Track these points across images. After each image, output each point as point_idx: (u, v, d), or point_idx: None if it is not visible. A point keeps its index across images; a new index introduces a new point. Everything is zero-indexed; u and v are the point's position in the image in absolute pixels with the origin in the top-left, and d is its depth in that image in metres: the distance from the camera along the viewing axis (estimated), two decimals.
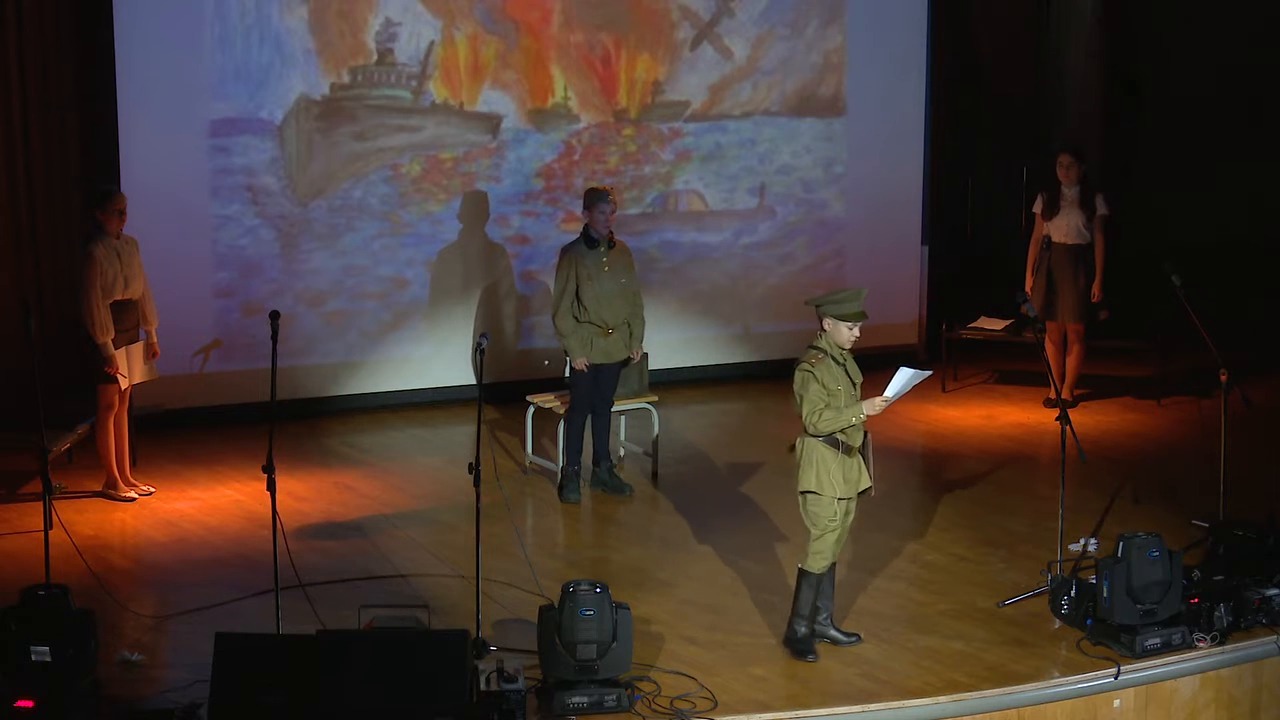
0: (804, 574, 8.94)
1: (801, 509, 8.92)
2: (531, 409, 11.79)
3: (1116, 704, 8.79)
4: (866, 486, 8.94)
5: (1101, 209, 13.06)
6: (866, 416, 8.78)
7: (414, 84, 13.04)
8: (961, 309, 14.41)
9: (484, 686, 8.05)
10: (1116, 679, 8.77)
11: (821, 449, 8.83)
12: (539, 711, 8.20)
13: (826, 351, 8.85)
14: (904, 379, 8.72)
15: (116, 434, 11.06)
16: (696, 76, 13.82)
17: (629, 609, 8.38)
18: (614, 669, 8.29)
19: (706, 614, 9.41)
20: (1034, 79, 16.28)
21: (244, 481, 11.40)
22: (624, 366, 11.39)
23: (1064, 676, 8.74)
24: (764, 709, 8.32)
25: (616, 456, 11.85)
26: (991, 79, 16.12)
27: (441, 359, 13.35)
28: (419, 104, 13.08)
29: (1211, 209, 16.78)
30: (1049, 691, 8.66)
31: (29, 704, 7.95)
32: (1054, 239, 13.11)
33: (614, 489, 11.35)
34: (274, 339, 9.19)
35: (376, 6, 12.87)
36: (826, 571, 8.98)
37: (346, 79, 12.85)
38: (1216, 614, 9.05)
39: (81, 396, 11.23)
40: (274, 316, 9.22)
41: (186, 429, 12.40)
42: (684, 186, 13.94)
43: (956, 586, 9.81)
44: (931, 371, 9.10)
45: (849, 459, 8.84)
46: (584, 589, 8.33)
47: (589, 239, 11.09)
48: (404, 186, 13.12)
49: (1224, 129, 16.76)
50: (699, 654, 8.89)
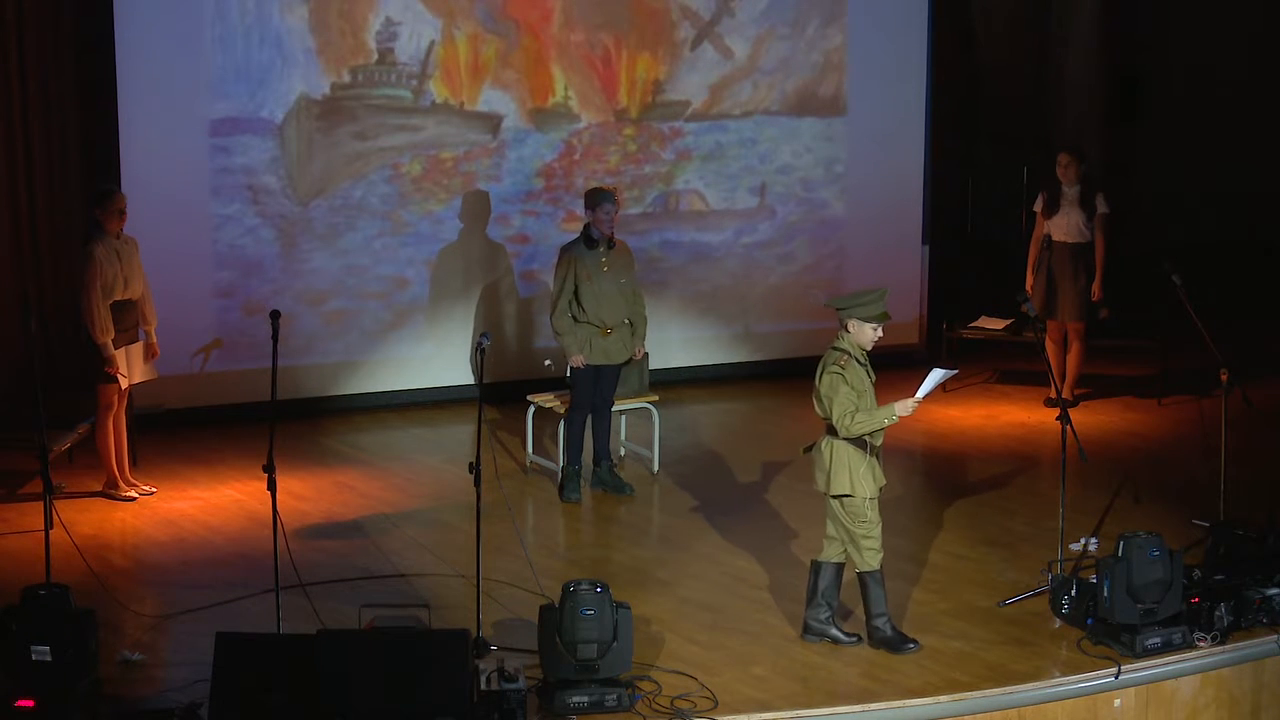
0: (866, 575, 8.96)
1: (839, 512, 8.94)
2: (532, 409, 11.79)
3: (1117, 704, 8.79)
4: (881, 484, 8.99)
5: (1102, 208, 13.06)
6: (899, 418, 8.79)
7: (414, 83, 13.04)
8: (962, 308, 14.41)
9: (484, 686, 8.05)
10: (1117, 678, 8.77)
11: (850, 451, 8.86)
12: (539, 711, 8.20)
13: (850, 353, 8.86)
14: (935, 379, 8.75)
15: (116, 434, 11.06)
16: (697, 76, 13.82)
17: (629, 608, 8.38)
18: (614, 668, 8.29)
19: (706, 614, 9.41)
20: (1034, 79, 16.29)
21: (244, 481, 11.40)
22: (625, 366, 11.39)
23: (1064, 676, 8.74)
24: (764, 709, 8.32)
25: (617, 456, 11.85)
26: (991, 79, 16.12)
27: (441, 359, 13.35)
28: (419, 103, 13.08)
29: (1211, 209, 16.78)
30: (1049, 691, 8.66)
31: (29, 704, 7.95)
32: (1054, 238, 13.11)
33: (614, 488, 11.35)
34: (274, 339, 9.19)
35: (377, 6, 12.87)
36: (839, 570, 9.01)
37: (347, 78, 12.85)
38: (1217, 613, 9.05)
39: (81, 396, 11.23)
40: (274, 316, 9.23)
41: (187, 429, 12.40)
42: (684, 186, 13.93)
43: (956, 586, 9.81)
44: (957, 369, 9.15)
45: (873, 457, 8.90)
46: (584, 588, 8.33)
47: (589, 239, 11.08)
48: (404, 186, 13.12)
49: (1224, 129, 16.76)
50: (699, 654, 8.89)
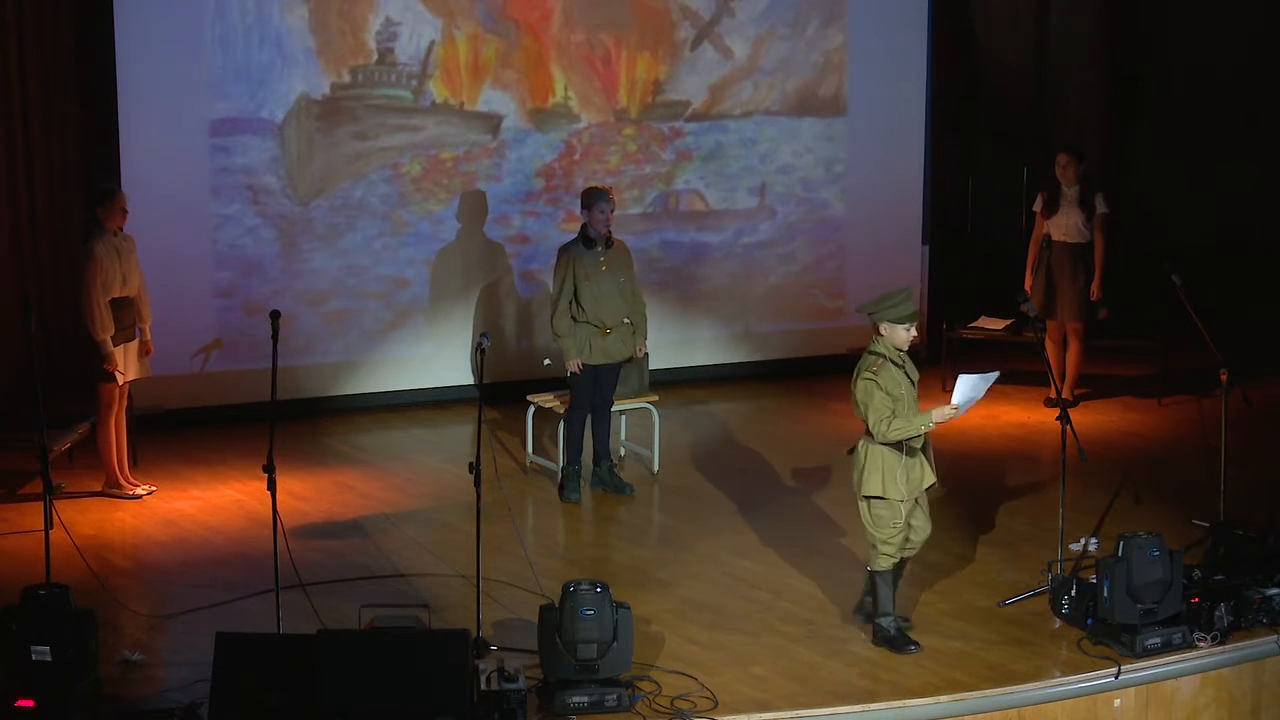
0: (875, 575, 8.98)
1: (865, 513, 8.94)
2: (532, 409, 11.79)
3: (1117, 704, 8.79)
4: (931, 483, 8.98)
5: (1101, 208, 13.06)
6: (935, 425, 8.79)
7: (414, 83, 13.04)
8: (962, 308, 14.41)
9: (484, 686, 8.05)
10: (1117, 678, 8.77)
11: (886, 453, 8.84)
12: (539, 711, 8.20)
13: (885, 355, 8.83)
14: (967, 386, 8.69)
15: (117, 433, 11.06)
16: (697, 76, 13.82)
17: (629, 608, 8.38)
18: (614, 668, 8.29)
19: (706, 614, 9.41)
20: (1034, 79, 16.29)
21: (244, 481, 11.40)
22: (625, 365, 11.38)
23: (1064, 676, 8.74)
24: (764, 709, 8.31)
25: (617, 456, 11.85)
26: (991, 79, 16.12)
27: (441, 359, 13.35)
28: (419, 103, 13.08)
29: (1211, 209, 16.78)
30: (1049, 691, 8.66)
31: (29, 704, 7.95)
32: (1054, 237, 13.12)
33: (614, 488, 11.35)
34: (274, 339, 9.19)
35: (377, 6, 12.87)
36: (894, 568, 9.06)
37: (347, 78, 12.85)
38: (1217, 613, 9.05)
39: (81, 396, 11.23)
40: (274, 316, 9.22)
41: (187, 429, 12.40)
42: (684, 186, 13.93)
43: (956, 586, 9.81)
44: (998, 373, 8.90)
45: (911, 459, 8.88)
46: (584, 588, 8.33)
47: (587, 239, 11.08)
48: (404, 186, 13.12)
49: (1224, 129, 16.76)
50: (699, 654, 8.89)
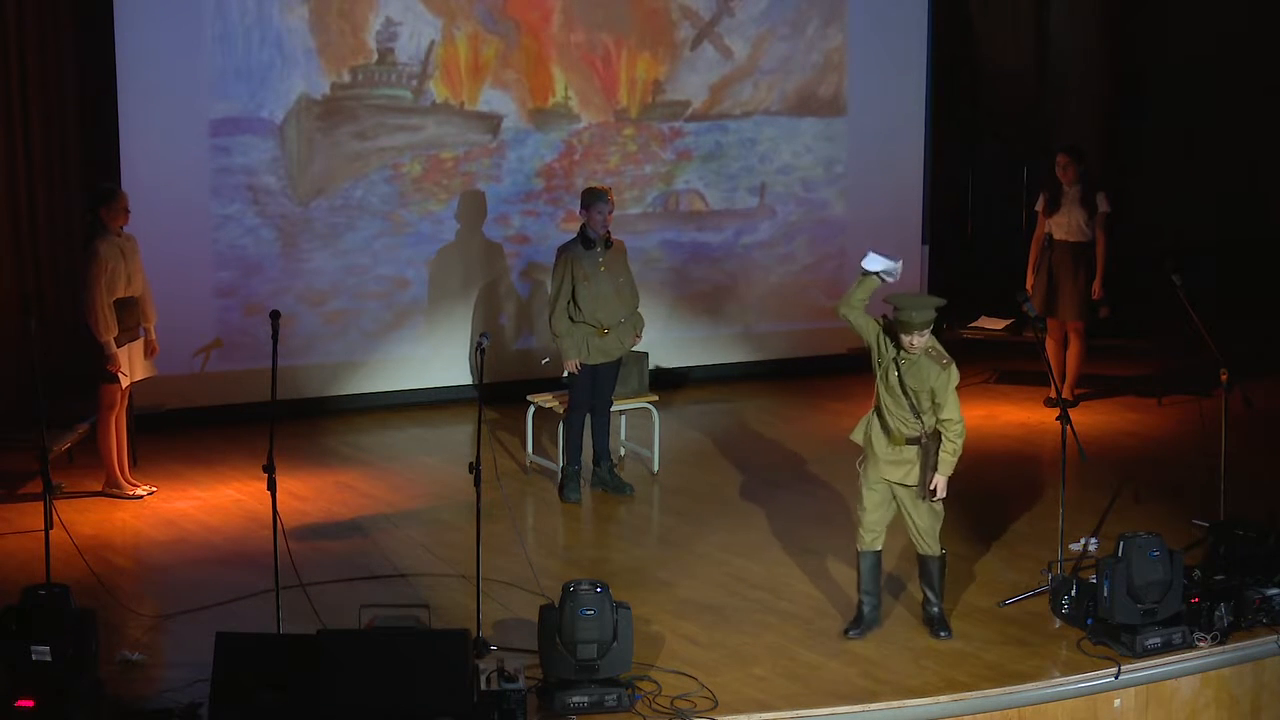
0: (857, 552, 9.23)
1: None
2: (532, 409, 11.79)
3: (1117, 704, 8.79)
4: (913, 484, 9.02)
5: (1103, 207, 13.06)
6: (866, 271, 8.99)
7: (414, 83, 13.04)
8: (962, 308, 14.40)
9: (484, 686, 8.05)
10: (1117, 678, 8.77)
11: (874, 424, 9.09)
12: (539, 711, 8.20)
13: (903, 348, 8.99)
14: (876, 264, 8.95)
15: (117, 433, 11.06)
16: (697, 76, 13.82)
17: (629, 608, 8.38)
18: (614, 668, 8.29)
19: (706, 614, 9.41)
20: (1034, 79, 16.29)
21: (245, 481, 11.40)
22: (621, 363, 11.38)
23: (1064, 676, 8.74)
24: (764, 709, 8.32)
25: (617, 456, 11.85)
26: (991, 79, 16.12)
27: (441, 359, 13.35)
28: (419, 103, 13.08)
29: (1211, 209, 16.78)
30: (1049, 691, 8.66)
31: (29, 704, 7.95)
32: (1055, 236, 13.12)
33: (615, 489, 11.35)
34: (274, 339, 9.19)
35: (377, 6, 12.86)
36: (870, 553, 9.14)
37: (347, 78, 12.85)
38: (1217, 613, 9.05)
39: (82, 396, 11.23)
40: (274, 316, 9.22)
41: (187, 428, 12.40)
42: (684, 186, 13.93)
43: (956, 586, 9.80)
44: (899, 261, 9.03)
45: (901, 446, 8.97)
46: (584, 588, 8.33)
47: (586, 239, 11.08)
48: (404, 186, 13.12)
49: (1224, 128, 16.76)
50: (699, 654, 8.89)
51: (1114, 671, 8.77)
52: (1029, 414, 13.16)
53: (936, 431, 8.91)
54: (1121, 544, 8.96)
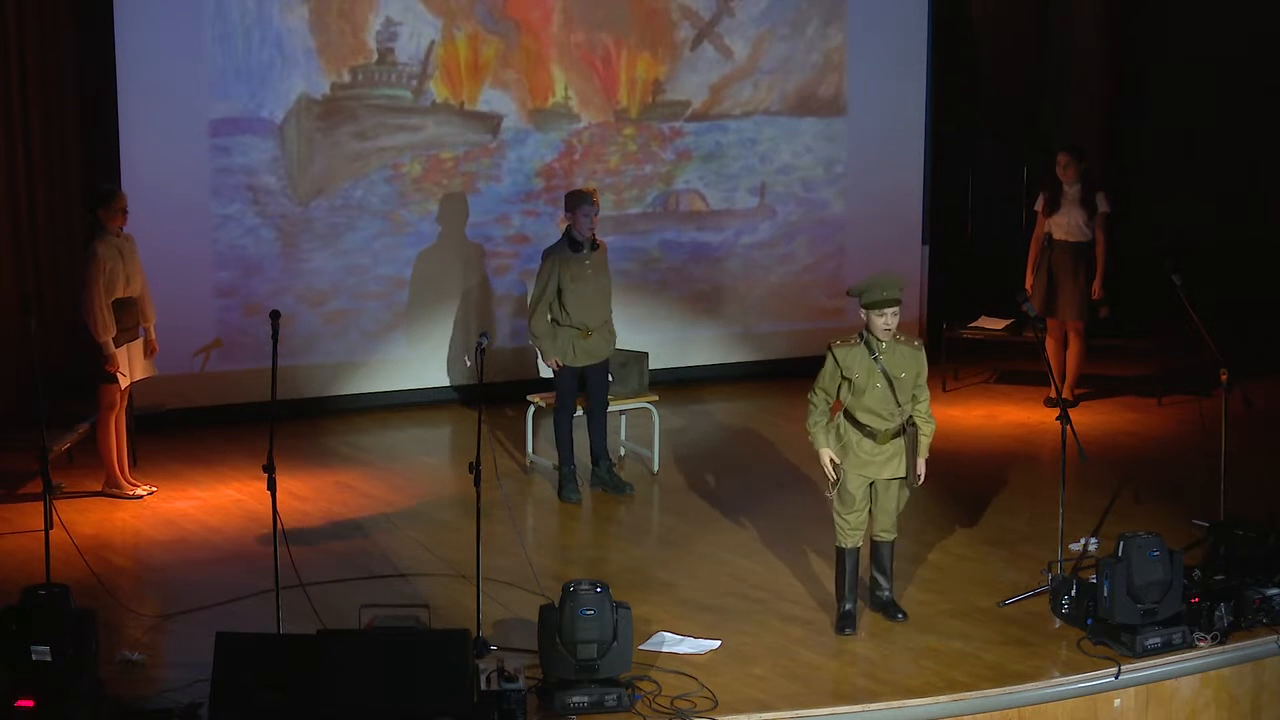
0: (836, 550, 9.29)
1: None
2: (532, 408, 11.80)
3: (1117, 703, 8.79)
4: (898, 476, 9.10)
5: (1103, 207, 13.07)
6: (817, 450, 9.17)
7: (414, 83, 13.04)
8: (962, 308, 14.41)
9: (484, 686, 8.05)
10: (1117, 678, 8.77)
11: (845, 424, 9.11)
12: (539, 711, 8.20)
13: (862, 339, 9.01)
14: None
15: (117, 433, 11.06)
16: (697, 76, 13.82)
17: (629, 608, 8.38)
18: (614, 668, 8.29)
19: (706, 614, 9.41)
20: (1034, 78, 16.29)
21: (245, 481, 11.40)
22: (622, 365, 11.38)
23: (1064, 676, 8.74)
24: (764, 709, 8.31)
25: (617, 456, 11.86)
26: (991, 79, 16.12)
27: (442, 359, 13.35)
28: (419, 103, 13.09)
29: (1211, 209, 16.78)
30: (1049, 691, 8.66)
31: (29, 704, 7.95)
32: (1055, 236, 13.12)
33: (614, 488, 11.35)
34: (274, 338, 9.18)
35: (377, 6, 12.87)
36: (856, 550, 9.21)
37: (347, 78, 12.85)
38: (1217, 613, 9.05)
39: (81, 396, 11.23)
40: (274, 316, 9.22)
41: (187, 429, 12.41)
42: (684, 186, 13.94)
43: (956, 586, 9.81)
44: None
45: (875, 443, 9.03)
46: (584, 588, 8.33)
47: (573, 242, 11.06)
48: (404, 186, 13.12)
49: (1224, 128, 16.76)
50: (699, 654, 8.89)
51: (1114, 671, 8.77)
52: (1029, 414, 13.16)
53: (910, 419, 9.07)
54: (1121, 544, 8.96)
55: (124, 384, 10.97)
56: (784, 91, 14.09)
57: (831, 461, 9.14)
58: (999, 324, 14.08)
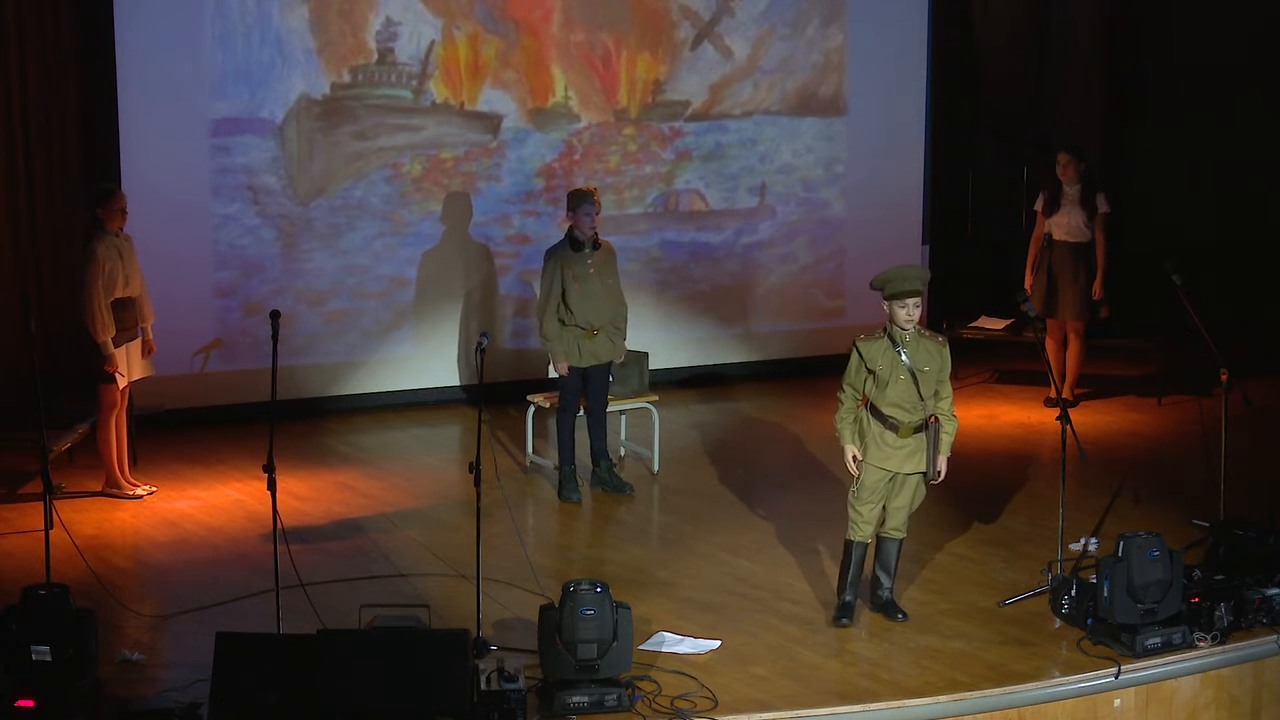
0: (845, 542, 9.27)
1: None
2: (532, 409, 11.80)
3: (1117, 703, 8.79)
4: (920, 471, 9.11)
5: (1103, 207, 13.07)
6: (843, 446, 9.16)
7: (414, 83, 13.04)
8: (962, 308, 14.42)
9: (484, 686, 8.05)
10: (1117, 678, 8.77)
11: (867, 417, 9.11)
12: (539, 711, 8.20)
13: (886, 332, 9.05)
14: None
15: (117, 433, 11.06)
16: (697, 76, 13.83)
17: (629, 608, 8.38)
18: (614, 668, 8.29)
19: (706, 614, 9.41)
20: (1034, 79, 16.29)
21: (245, 481, 11.40)
22: (622, 366, 11.38)
23: (1064, 676, 8.74)
24: (764, 709, 8.31)
25: (617, 456, 11.86)
26: (991, 79, 16.12)
27: (441, 359, 13.36)
28: (419, 103, 13.09)
29: (1211, 209, 16.78)
30: (1049, 691, 8.66)
31: (29, 704, 7.95)
32: (1055, 237, 13.13)
33: (614, 488, 11.35)
34: (274, 338, 9.18)
35: (377, 6, 12.87)
36: (883, 544, 9.28)
37: (347, 78, 12.85)
38: (1217, 613, 9.04)
39: (82, 396, 11.23)
40: (274, 316, 9.22)
41: (187, 429, 12.41)
42: (685, 186, 13.94)
43: (956, 586, 9.81)
44: None
45: (898, 436, 9.04)
46: (584, 588, 8.33)
47: (574, 241, 11.06)
48: (404, 186, 13.12)
49: (1224, 128, 16.76)
50: (699, 654, 8.89)
51: (1114, 671, 8.77)
52: (1029, 414, 13.17)
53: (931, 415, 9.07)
54: (1121, 544, 8.96)
55: (122, 384, 10.97)
56: (784, 91, 14.09)
57: (854, 459, 9.14)
58: (999, 324, 14.08)
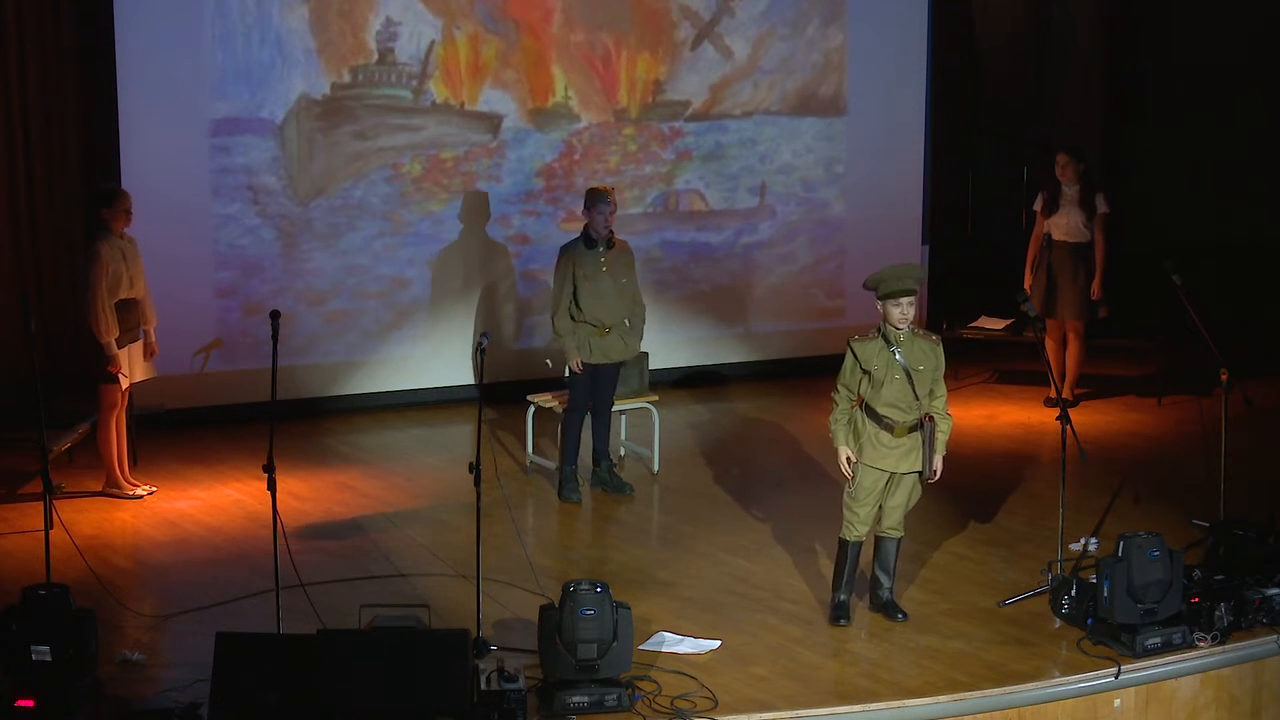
0: (840, 542, 9.28)
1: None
2: (532, 409, 11.80)
3: (1117, 703, 8.79)
4: (915, 470, 9.12)
5: (1102, 207, 13.07)
6: (837, 449, 9.16)
7: (415, 83, 13.04)
8: (962, 308, 14.42)
9: (484, 686, 8.05)
10: (1117, 678, 8.77)
11: (861, 416, 9.12)
12: (539, 711, 8.20)
13: (880, 331, 9.04)
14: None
15: (118, 433, 11.05)
16: (697, 76, 13.83)
17: (629, 608, 8.38)
18: (614, 668, 8.29)
19: (706, 614, 9.41)
20: (1034, 79, 16.29)
21: (245, 481, 11.40)
22: (625, 365, 11.38)
23: (1064, 676, 8.74)
24: (764, 709, 8.31)
25: (617, 456, 11.86)
26: (991, 79, 16.13)
27: (441, 359, 13.36)
28: (420, 103, 13.09)
29: (1211, 209, 16.78)
30: (1049, 691, 8.66)
31: (29, 704, 7.95)
32: (1055, 237, 13.13)
33: (614, 488, 11.35)
34: (274, 338, 9.18)
35: (377, 6, 12.87)
36: (859, 544, 9.23)
37: (347, 78, 12.85)
38: (1217, 613, 9.05)
39: (82, 396, 11.23)
40: (274, 316, 9.21)
41: (187, 429, 12.41)
42: (685, 186, 13.94)
43: (956, 586, 9.81)
44: None
45: (892, 435, 9.04)
46: (584, 588, 8.33)
47: (588, 239, 11.09)
48: (405, 186, 13.12)
49: (1224, 129, 16.77)
50: (699, 654, 8.89)
51: (1114, 671, 8.77)
52: (1029, 414, 13.17)
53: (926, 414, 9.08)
54: (1121, 544, 8.96)
55: (124, 385, 10.97)
56: (784, 91, 14.09)
57: (848, 460, 9.13)
58: (999, 324, 14.09)
